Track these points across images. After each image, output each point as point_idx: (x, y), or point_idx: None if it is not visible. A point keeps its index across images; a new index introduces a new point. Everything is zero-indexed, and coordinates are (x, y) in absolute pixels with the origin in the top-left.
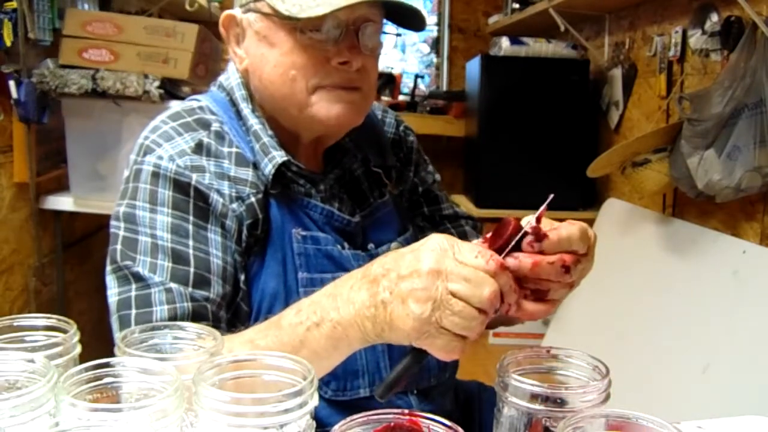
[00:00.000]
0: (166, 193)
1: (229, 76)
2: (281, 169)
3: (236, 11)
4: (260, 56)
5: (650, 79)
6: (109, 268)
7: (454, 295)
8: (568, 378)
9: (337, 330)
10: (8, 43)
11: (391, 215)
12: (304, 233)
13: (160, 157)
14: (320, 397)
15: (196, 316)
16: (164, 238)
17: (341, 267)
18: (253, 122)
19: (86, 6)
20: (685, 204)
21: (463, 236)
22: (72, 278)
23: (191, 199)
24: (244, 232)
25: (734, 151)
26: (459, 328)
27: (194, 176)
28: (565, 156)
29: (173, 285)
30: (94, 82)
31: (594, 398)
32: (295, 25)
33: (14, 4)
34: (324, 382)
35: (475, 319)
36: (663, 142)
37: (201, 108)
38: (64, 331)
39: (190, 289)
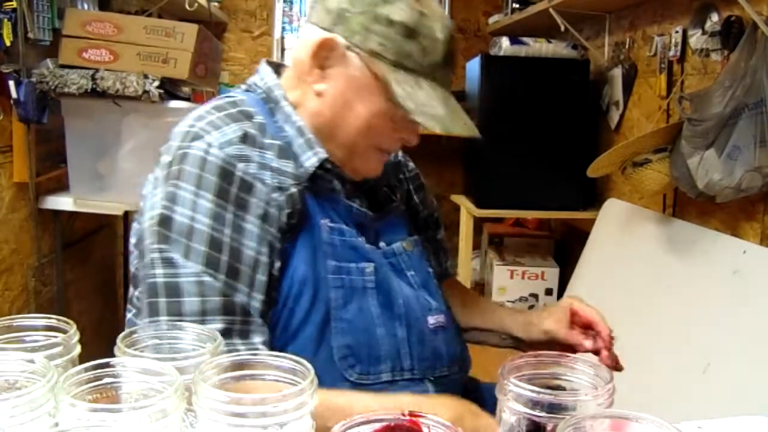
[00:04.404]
0: (211, 179)
1: (264, 77)
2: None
3: (339, 39)
4: (343, 100)
5: (650, 79)
6: (148, 241)
7: None
8: (571, 383)
9: None
10: (8, 43)
11: (403, 218)
12: (331, 224)
13: (210, 144)
14: (346, 379)
15: (225, 311)
16: (203, 222)
17: (365, 257)
18: (297, 119)
19: (86, 6)
20: (685, 204)
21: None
22: (72, 278)
23: (235, 189)
24: (284, 220)
25: (734, 151)
26: None
27: (240, 165)
28: (565, 156)
29: (205, 278)
30: (93, 82)
31: (600, 403)
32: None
33: (14, 4)
34: (350, 366)
35: None
36: (663, 142)
37: (241, 101)
38: (64, 331)
39: (221, 279)
